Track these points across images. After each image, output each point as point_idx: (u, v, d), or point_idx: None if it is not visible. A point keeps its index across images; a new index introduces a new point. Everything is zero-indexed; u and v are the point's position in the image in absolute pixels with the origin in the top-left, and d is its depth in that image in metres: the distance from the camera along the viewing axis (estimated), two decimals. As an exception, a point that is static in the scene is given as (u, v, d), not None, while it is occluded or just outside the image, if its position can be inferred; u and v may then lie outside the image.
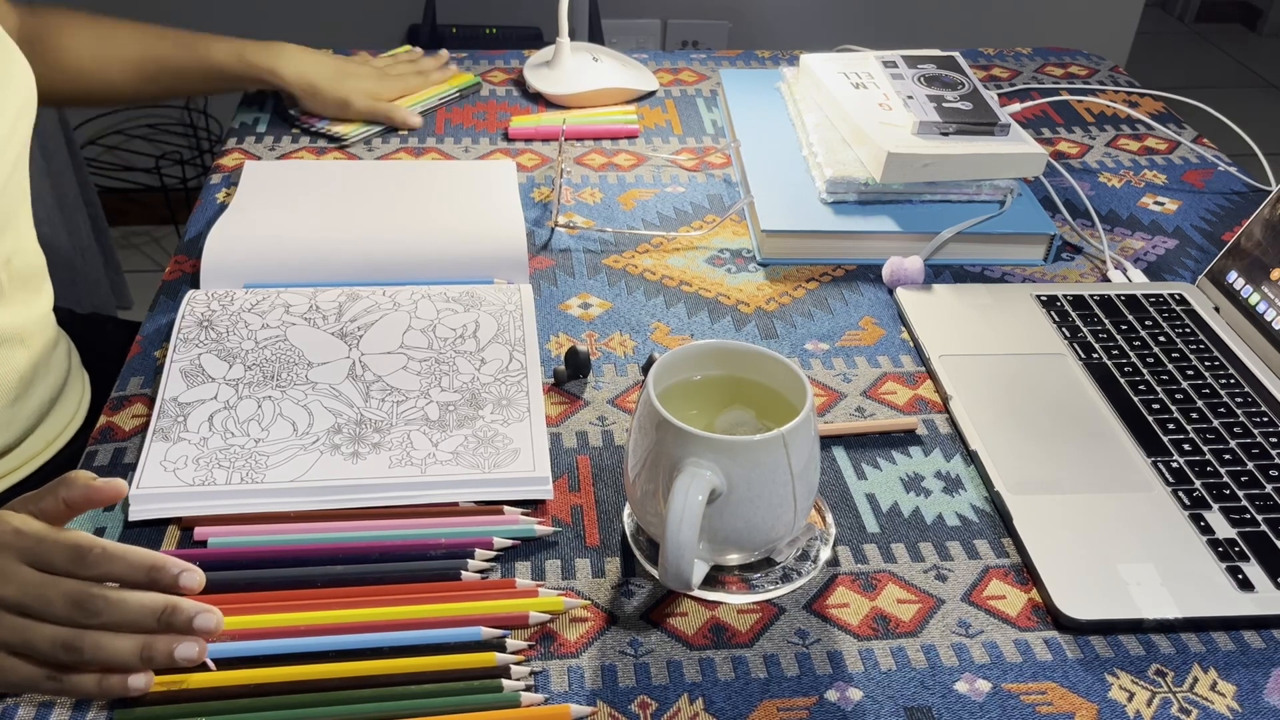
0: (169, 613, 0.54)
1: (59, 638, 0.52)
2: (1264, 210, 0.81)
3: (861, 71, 1.01)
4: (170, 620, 0.53)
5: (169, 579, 0.55)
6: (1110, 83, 1.20)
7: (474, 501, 0.65)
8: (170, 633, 0.54)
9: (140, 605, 0.53)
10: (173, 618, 0.53)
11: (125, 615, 0.53)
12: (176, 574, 0.55)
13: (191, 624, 0.54)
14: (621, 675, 0.56)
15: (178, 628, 0.54)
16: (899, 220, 0.89)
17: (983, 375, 0.75)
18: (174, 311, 0.77)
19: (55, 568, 0.54)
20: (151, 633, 0.53)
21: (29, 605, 0.53)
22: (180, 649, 0.53)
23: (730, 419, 0.61)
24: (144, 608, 0.53)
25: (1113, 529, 0.64)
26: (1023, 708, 0.55)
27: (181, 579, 0.55)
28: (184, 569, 0.55)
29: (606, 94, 1.10)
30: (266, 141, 1.02)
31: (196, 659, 0.54)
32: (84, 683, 0.53)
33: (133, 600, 0.53)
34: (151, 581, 0.55)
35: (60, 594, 0.53)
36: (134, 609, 0.53)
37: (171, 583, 0.55)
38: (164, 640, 0.53)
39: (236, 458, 0.65)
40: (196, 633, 0.54)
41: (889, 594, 0.61)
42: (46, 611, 0.53)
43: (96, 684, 0.53)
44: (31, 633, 0.52)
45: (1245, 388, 0.74)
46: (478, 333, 0.76)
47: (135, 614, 0.53)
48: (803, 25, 2.23)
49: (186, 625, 0.54)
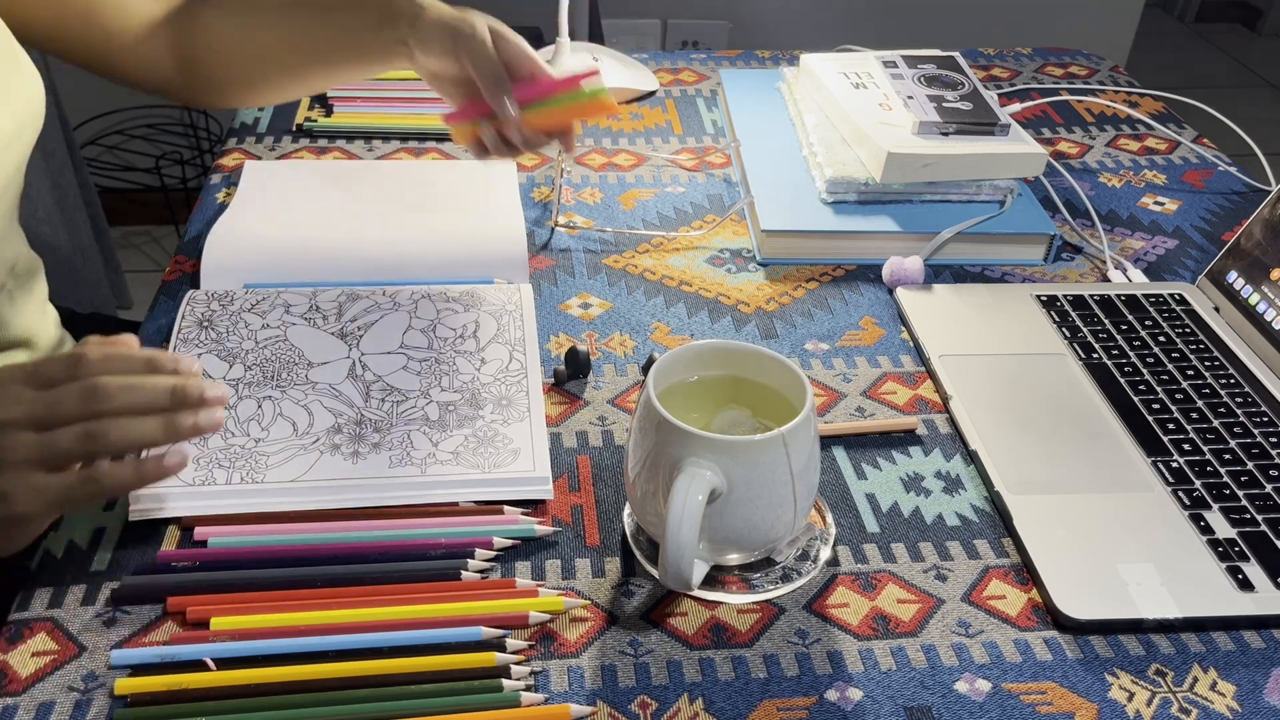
0: (180, 388, 0.54)
1: (80, 430, 0.53)
2: (1264, 210, 0.81)
3: (861, 71, 1.01)
4: (183, 396, 0.54)
5: (168, 367, 0.55)
6: (1110, 83, 1.20)
7: (474, 501, 0.65)
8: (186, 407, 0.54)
9: (152, 385, 0.54)
10: (184, 392, 0.54)
11: (139, 396, 0.54)
12: (174, 364, 0.56)
13: (204, 397, 0.55)
14: (621, 675, 0.56)
15: (191, 401, 0.54)
16: (899, 220, 0.89)
17: (983, 375, 0.75)
18: (174, 311, 0.77)
19: (56, 380, 0.54)
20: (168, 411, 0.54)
21: (42, 415, 0.53)
22: (203, 416, 0.54)
23: (728, 418, 0.61)
24: (156, 388, 0.54)
25: (1113, 529, 0.64)
26: (1023, 708, 0.55)
27: (181, 365, 0.56)
28: (181, 358, 0.56)
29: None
30: (266, 141, 1.02)
31: (219, 423, 0.55)
32: (120, 471, 0.54)
33: (142, 382, 0.54)
34: (152, 372, 0.55)
35: (70, 392, 0.53)
36: (147, 389, 0.54)
37: (172, 370, 0.55)
38: (185, 413, 0.54)
39: (236, 457, 0.65)
40: (210, 403, 0.55)
41: (889, 594, 0.61)
42: (60, 414, 0.53)
43: (134, 470, 0.54)
44: (55, 437, 0.53)
45: (1245, 388, 0.74)
46: (478, 333, 0.76)
47: (149, 394, 0.54)
48: (803, 25, 2.23)
49: (199, 398, 0.54)
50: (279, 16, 0.81)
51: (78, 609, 0.58)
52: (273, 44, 0.81)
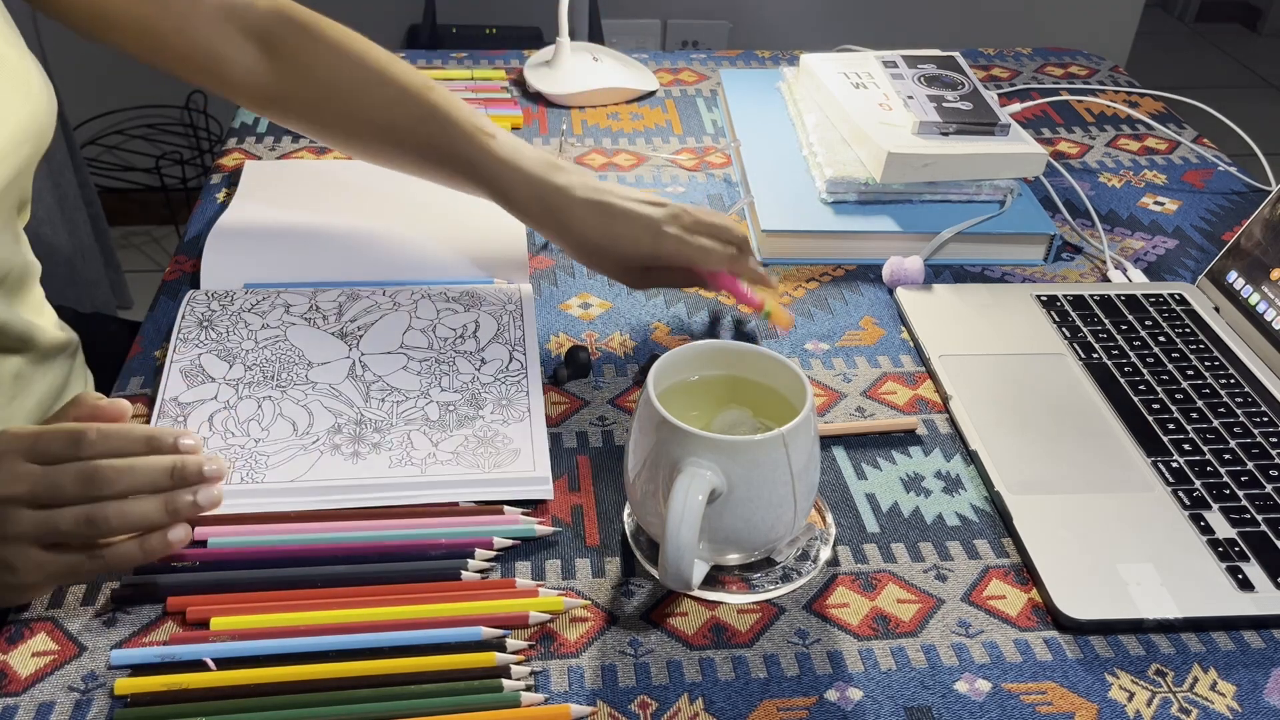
0: (179, 468, 0.55)
1: (81, 515, 0.53)
2: (1264, 210, 0.81)
3: (861, 71, 1.01)
4: (183, 474, 0.55)
5: (168, 445, 0.56)
6: (1110, 83, 1.20)
7: (474, 501, 0.65)
8: (185, 485, 0.55)
9: (150, 467, 0.55)
10: (184, 471, 0.55)
11: (138, 479, 0.54)
12: (174, 439, 0.56)
13: (202, 473, 0.55)
14: (621, 675, 0.56)
15: (190, 479, 0.55)
16: (899, 220, 0.89)
17: (983, 375, 0.75)
18: (174, 311, 0.77)
19: (56, 457, 0.54)
20: (167, 490, 0.55)
21: (42, 496, 0.53)
22: (201, 494, 0.55)
23: (727, 419, 0.61)
24: (155, 468, 0.55)
25: (1113, 529, 0.64)
26: (1023, 708, 0.55)
27: (181, 442, 0.57)
28: (180, 433, 0.57)
29: (606, 94, 1.10)
30: (267, 141, 1.02)
31: (218, 501, 0.56)
32: (125, 550, 0.55)
33: (141, 464, 0.55)
34: (151, 451, 0.56)
35: (69, 477, 0.54)
36: (145, 471, 0.55)
37: (171, 448, 0.56)
38: (184, 491, 0.55)
39: (236, 458, 0.65)
40: (208, 480, 0.56)
41: (889, 594, 0.61)
42: (60, 496, 0.53)
43: (139, 548, 0.55)
44: (54, 519, 0.53)
45: (1245, 388, 0.74)
46: (478, 332, 0.76)
47: (148, 475, 0.55)
48: (803, 25, 2.23)
49: (198, 475, 0.55)
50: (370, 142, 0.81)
51: (78, 609, 0.58)
52: (360, 151, 0.83)
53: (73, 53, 2.04)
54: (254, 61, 0.79)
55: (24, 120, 0.70)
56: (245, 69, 0.79)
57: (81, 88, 2.12)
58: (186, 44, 0.78)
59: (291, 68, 0.79)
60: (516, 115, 1.06)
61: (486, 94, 1.09)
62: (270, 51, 0.79)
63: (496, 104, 1.07)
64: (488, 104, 1.07)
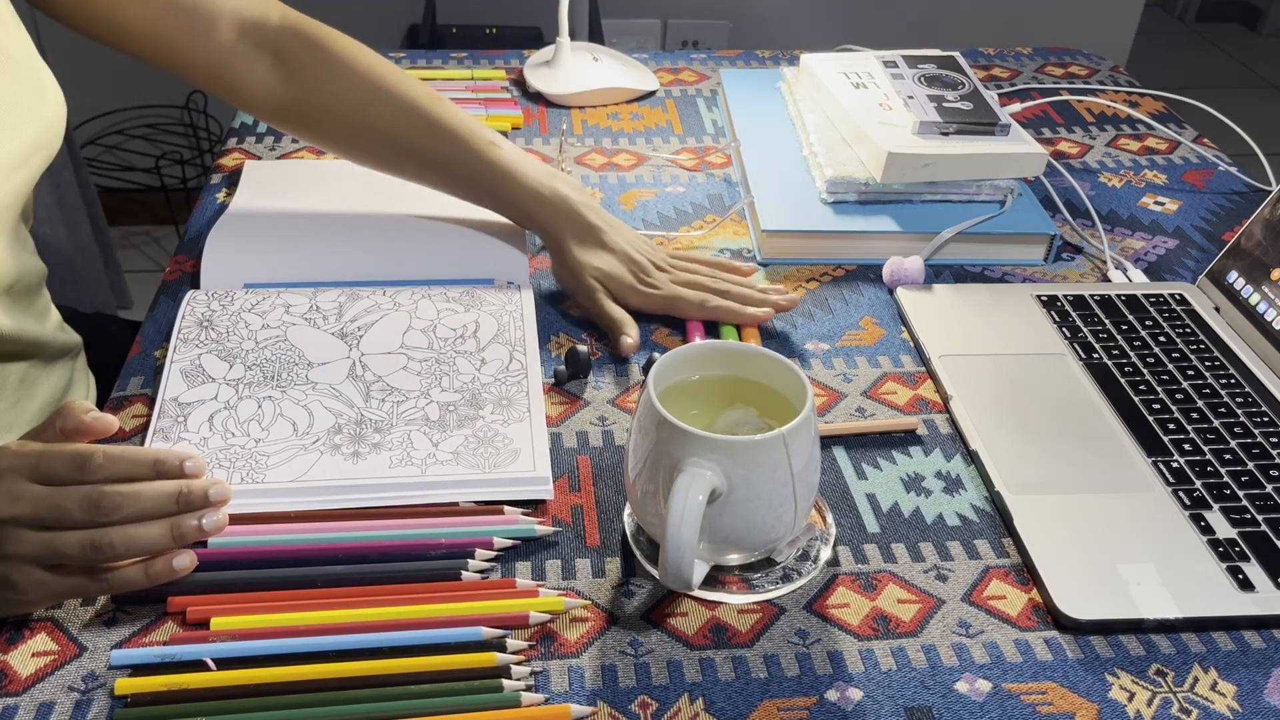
0: (185, 493, 0.56)
1: (85, 540, 0.53)
2: (1264, 210, 0.81)
3: (862, 71, 1.01)
4: (189, 500, 0.56)
5: (174, 469, 0.56)
6: (1110, 83, 1.20)
7: (474, 501, 0.65)
8: (190, 510, 0.56)
9: (156, 492, 0.55)
10: (189, 497, 0.56)
11: (144, 504, 0.55)
12: (179, 463, 0.57)
13: (208, 497, 0.56)
14: (622, 675, 0.56)
15: (196, 505, 0.56)
16: (899, 220, 0.89)
17: (983, 375, 0.75)
18: (174, 311, 0.77)
19: (60, 479, 0.54)
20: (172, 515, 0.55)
21: (46, 518, 0.53)
22: (206, 520, 0.56)
23: (731, 419, 0.61)
24: (160, 493, 0.55)
25: (1113, 529, 0.64)
26: (1023, 708, 0.55)
27: (186, 466, 0.57)
28: (186, 456, 0.57)
29: (606, 94, 1.10)
30: (267, 141, 1.02)
31: (223, 526, 0.57)
32: (130, 574, 0.55)
33: (146, 489, 0.55)
34: (157, 475, 0.56)
35: (74, 500, 0.54)
36: (150, 497, 0.55)
37: (177, 472, 0.56)
38: (189, 516, 0.55)
39: (237, 458, 0.65)
40: (213, 504, 0.56)
41: (889, 594, 0.61)
42: (65, 520, 0.54)
43: (143, 572, 0.55)
44: (58, 542, 0.53)
45: (1245, 388, 0.74)
46: (478, 333, 0.76)
47: (154, 501, 0.55)
48: (803, 25, 2.23)
49: (203, 500, 0.56)
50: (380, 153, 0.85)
51: (78, 609, 0.58)
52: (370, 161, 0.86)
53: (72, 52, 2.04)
54: (267, 75, 0.82)
55: (39, 130, 0.71)
56: (258, 82, 0.82)
57: (81, 88, 2.12)
58: (203, 57, 0.80)
59: (303, 82, 0.82)
60: (516, 115, 1.06)
61: (486, 94, 1.09)
62: (283, 66, 0.82)
63: (496, 104, 1.07)
64: (488, 104, 1.07)
